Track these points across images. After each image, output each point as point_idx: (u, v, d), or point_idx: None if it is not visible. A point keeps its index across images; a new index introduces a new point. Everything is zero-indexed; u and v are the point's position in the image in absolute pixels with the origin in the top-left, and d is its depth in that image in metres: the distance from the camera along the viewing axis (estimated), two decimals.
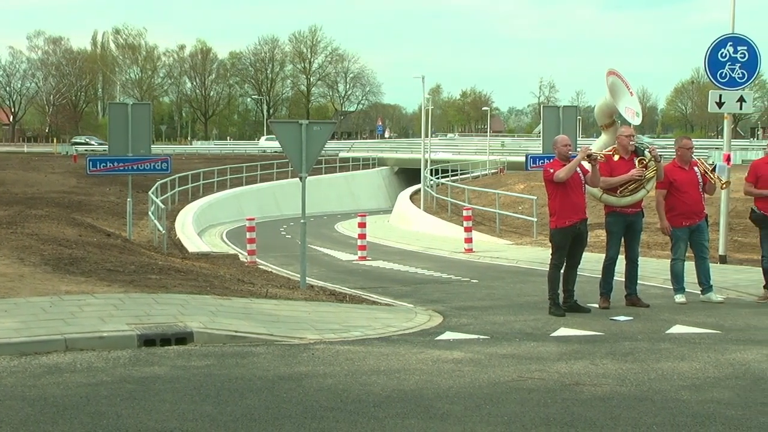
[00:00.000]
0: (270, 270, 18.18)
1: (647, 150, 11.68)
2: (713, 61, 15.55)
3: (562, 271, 11.23)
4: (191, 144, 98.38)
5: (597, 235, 18.75)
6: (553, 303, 11.13)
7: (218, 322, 9.39)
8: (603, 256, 11.89)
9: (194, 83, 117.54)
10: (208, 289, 11.76)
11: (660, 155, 11.75)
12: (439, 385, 7.23)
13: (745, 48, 15.51)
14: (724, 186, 11.79)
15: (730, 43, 15.51)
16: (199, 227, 34.37)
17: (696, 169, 11.81)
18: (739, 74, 15.52)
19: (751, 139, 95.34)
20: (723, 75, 15.46)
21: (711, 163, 11.83)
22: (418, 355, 8.51)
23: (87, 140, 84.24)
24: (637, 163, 11.50)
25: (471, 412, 6.37)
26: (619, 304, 11.60)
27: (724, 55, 15.46)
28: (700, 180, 11.73)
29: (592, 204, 12.33)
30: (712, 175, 11.77)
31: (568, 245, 11.13)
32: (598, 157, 11.23)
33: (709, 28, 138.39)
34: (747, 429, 5.95)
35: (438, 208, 35.65)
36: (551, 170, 10.99)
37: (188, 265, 15.41)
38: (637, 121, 14.84)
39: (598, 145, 12.86)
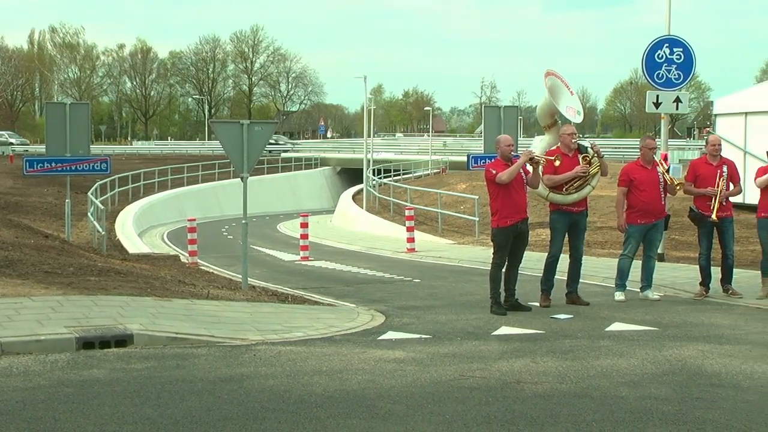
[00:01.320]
0: (211, 271, 18.05)
1: (590, 147, 11.84)
2: (650, 63, 15.79)
3: (503, 270, 11.33)
4: (131, 144, 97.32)
5: (538, 234, 18.93)
6: (495, 302, 11.21)
7: (159, 323, 9.29)
8: (544, 255, 12.02)
9: (134, 83, 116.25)
10: (149, 291, 11.64)
11: (602, 152, 11.92)
12: (382, 384, 7.24)
13: (681, 50, 15.77)
14: (679, 187, 11.99)
15: (666, 45, 15.76)
16: (140, 228, 33.99)
17: (658, 169, 11.99)
18: (675, 75, 15.77)
19: (688, 138, 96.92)
20: (660, 76, 15.70)
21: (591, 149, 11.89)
22: (360, 355, 8.52)
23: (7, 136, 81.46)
24: (581, 160, 11.63)
25: (413, 412, 6.39)
26: (560, 302, 11.72)
27: (660, 56, 15.70)
28: (662, 180, 11.91)
29: (534, 203, 12.45)
30: (668, 177, 11.94)
31: (509, 244, 11.22)
32: (541, 161, 11.33)
33: (647, 31, 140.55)
34: (683, 424, 6.06)
35: (380, 208, 35.70)
36: (493, 171, 11.07)
37: (128, 267, 15.23)
38: (578, 119, 15.02)
39: (540, 145, 12.98)
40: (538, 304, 11.65)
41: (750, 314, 10.97)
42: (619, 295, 12.03)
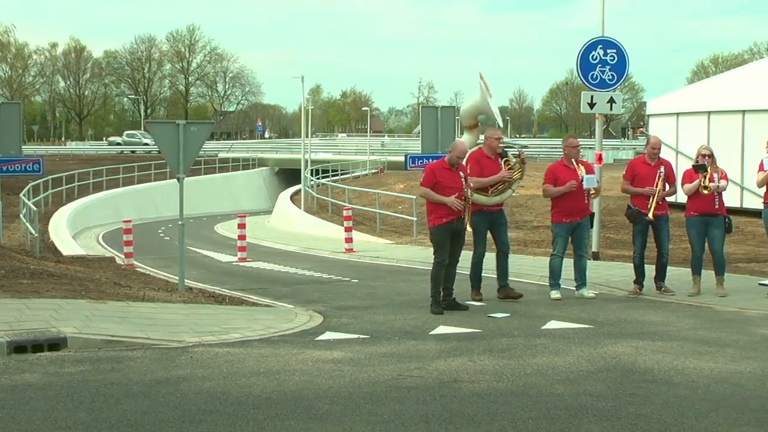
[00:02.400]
0: (148, 272, 17.85)
1: (517, 152, 12.28)
2: (585, 64, 15.97)
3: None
4: (65, 145, 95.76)
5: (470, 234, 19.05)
6: (435, 301, 11.27)
7: (93, 326, 9.17)
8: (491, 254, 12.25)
9: (68, 82, 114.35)
10: (83, 293, 11.48)
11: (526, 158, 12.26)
12: (319, 385, 7.23)
13: (615, 51, 15.97)
14: (594, 195, 12.26)
15: (600, 46, 15.95)
16: (74, 230, 33.48)
17: (582, 167, 12.16)
18: (609, 76, 15.97)
19: (622, 138, 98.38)
20: (594, 77, 15.89)
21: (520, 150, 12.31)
22: (298, 355, 8.50)
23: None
24: (503, 165, 11.93)
25: (351, 412, 6.40)
26: (496, 300, 11.82)
27: (594, 57, 15.89)
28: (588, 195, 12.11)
29: None
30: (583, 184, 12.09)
31: (448, 242, 11.30)
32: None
33: (583, 32, 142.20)
34: (617, 420, 6.15)
35: (318, 208, 35.61)
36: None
37: (62, 269, 15.00)
38: (500, 122, 15.14)
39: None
40: (475, 303, 11.75)
41: (682, 311, 11.17)
42: (554, 294, 12.17)
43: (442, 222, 11.22)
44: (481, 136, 12.71)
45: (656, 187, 12.06)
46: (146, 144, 74.28)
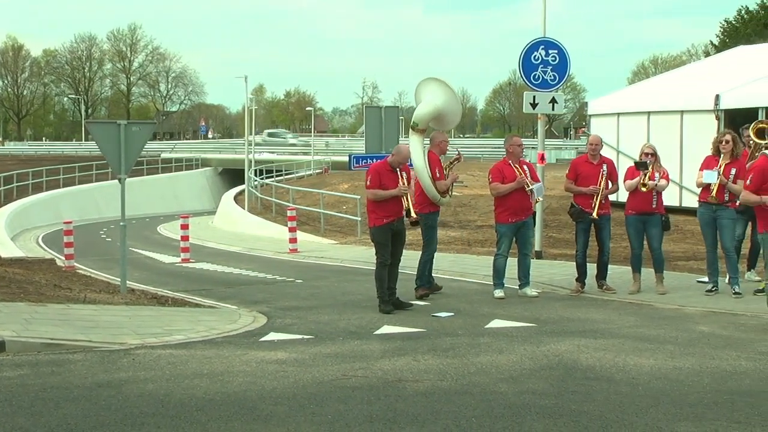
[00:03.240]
0: (89, 274, 17.61)
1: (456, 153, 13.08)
2: (527, 64, 16.10)
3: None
4: (3, 145, 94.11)
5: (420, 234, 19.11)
6: (382, 300, 11.30)
7: (33, 329, 9.03)
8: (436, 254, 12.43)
9: (5, 81, 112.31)
10: (22, 296, 11.29)
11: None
12: (263, 386, 7.20)
13: (556, 51, 16.13)
14: (537, 201, 12.41)
15: (542, 47, 16.09)
16: (13, 232, 32.94)
17: (525, 167, 12.26)
18: (550, 76, 16.12)
19: (565, 138, 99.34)
20: (536, 77, 16.03)
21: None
22: (242, 356, 8.45)
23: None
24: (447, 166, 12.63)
25: (295, 413, 6.38)
26: (439, 299, 11.88)
27: (536, 58, 16.03)
28: (529, 178, 12.18)
29: None
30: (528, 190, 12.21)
31: (389, 242, 11.34)
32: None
33: (525, 33, 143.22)
34: (559, 417, 6.20)
35: (262, 208, 35.45)
36: (368, 180, 11.32)
37: (0, 272, 14.74)
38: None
39: (415, 149, 13.17)
40: (420, 302, 11.80)
41: (623, 309, 11.31)
42: (498, 293, 12.25)
43: (382, 223, 11.29)
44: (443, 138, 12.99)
45: (599, 185, 12.20)
46: (293, 144, 73.32)
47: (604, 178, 12.27)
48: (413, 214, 11.51)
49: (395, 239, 11.43)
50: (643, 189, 11.94)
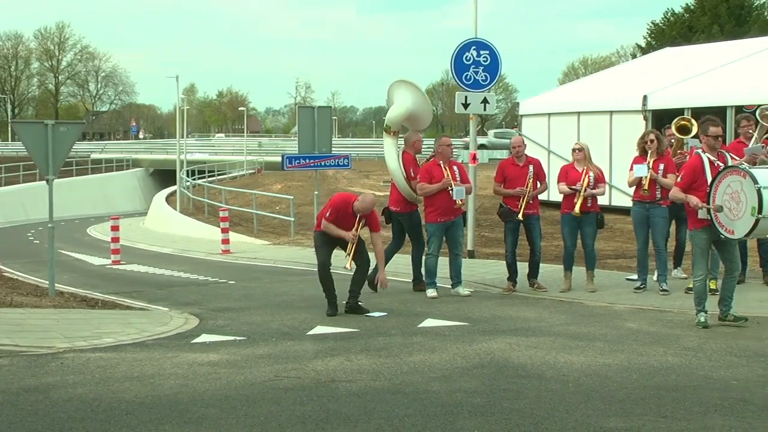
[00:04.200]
0: (16, 277, 17.27)
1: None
2: (458, 65, 16.19)
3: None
4: None
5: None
6: (329, 303, 11.20)
7: None
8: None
9: None
10: None
11: None
12: (195, 388, 7.13)
13: (488, 52, 16.25)
14: (460, 203, 12.38)
15: (473, 48, 16.20)
16: None
17: (455, 168, 12.33)
18: (482, 77, 16.24)
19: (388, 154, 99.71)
20: (468, 77, 16.12)
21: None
22: (173, 359, 8.37)
23: None
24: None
25: (227, 415, 6.33)
26: (373, 299, 11.88)
27: (468, 58, 16.13)
28: (458, 178, 12.25)
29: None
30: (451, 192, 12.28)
31: (327, 247, 11.25)
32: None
33: (458, 33, 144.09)
34: (491, 415, 6.25)
35: (195, 209, 35.13)
36: (328, 213, 11.14)
37: None
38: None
39: (388, 151, 13.43)
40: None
41: (554, 307, 11.45)
42: (430, 292, 12.30)
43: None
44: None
45: (527, 187, 12.33)
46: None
47: (531, 179, 12.40)
48: (349, 264, 11.23)
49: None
50: (576, 212, 12.07)
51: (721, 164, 9.46)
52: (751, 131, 11.81)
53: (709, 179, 9.42)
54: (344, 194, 11.76)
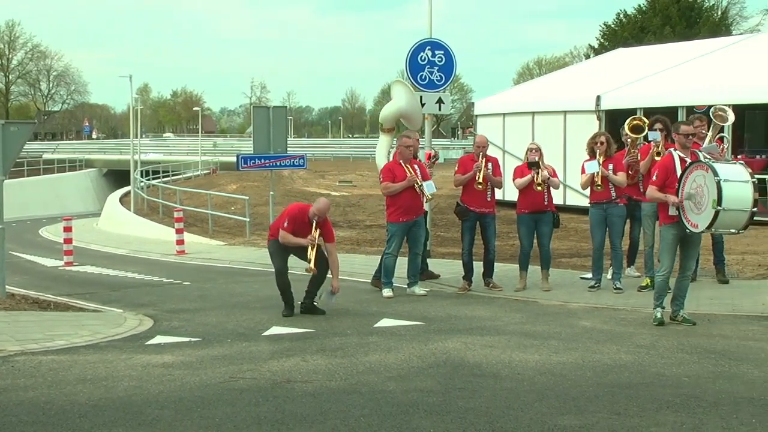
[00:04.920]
0: None
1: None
2: (413, 65, 16.19)
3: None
4: None
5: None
6: (286, 304, 11.16)
7: None
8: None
9: None
10: None
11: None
12: (149, 390, 7.08)
13: (443, 52, 16.27)
14: (429, 198, 12.48)
15: (428, 48, 16.21)
16: None
17: (416, 166, 12.37)
18: (437, 77, 16.25)
19: (452, 138, 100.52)
20: (423, 77, 16.13)
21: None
22: (127, 361, 8.30)
23: None
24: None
25: (182, 416, 6.29)
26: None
27: (423, 58, 16.14)
28: (420, 176, 12.30)
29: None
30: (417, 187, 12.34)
31: (282, 254, 11.20)
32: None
33: (413, 33, 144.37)
34: (446, 414, 6.28)
35: (149, 210, 34.82)
36: (285, 222, 11.04)
37: None
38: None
39: (380, 147, 13.57)
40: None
41: (509, 306, 11.51)
42: (386, 292, 12.31)
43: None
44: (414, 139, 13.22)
45: (480, 170, 12.40)
46: None
47: (489, 171, 12.53)
48: (311, 266, 11.06)
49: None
50: (538, 188, 12.16)
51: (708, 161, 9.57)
52: (704, 131, 11.95)
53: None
54: (299, 204, 11.66)
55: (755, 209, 9.11)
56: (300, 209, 11.21)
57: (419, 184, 12.16)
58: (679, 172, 9.54)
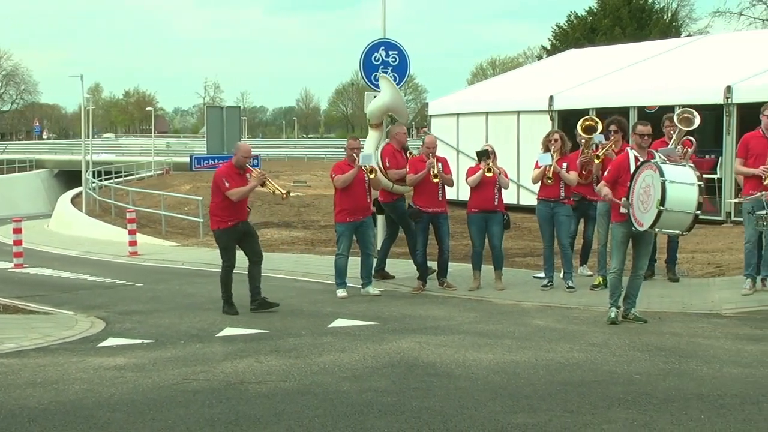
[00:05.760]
0: None
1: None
2: (367, 65, 16.20)
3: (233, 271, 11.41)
4: None
5: (263, 234, 18.99)
6: (225, 302, 11.21)
7: None
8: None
9: None
10: None
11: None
12: (101, 393, 7.01)
13: (396, 53, 16.30)
14: (366, 167, 12.51)
15: (382, 48, 16.23)
16: None
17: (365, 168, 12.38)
18: (391, 77, 16.26)
19: (408, 138, 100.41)
20: (377, 78, 16.15)
21: None
22: (78, 364, 8.21)
23: None
24: (407, 156, 13.27)
25: (134, 419, 6.24)
26: (281, 299, 11.83)
27: (377, 59, 16.15)
28: (367, 178, 12.30)
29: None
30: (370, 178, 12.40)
31: (233, 245, 11.24)
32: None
33: (367, 33, 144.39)
34: (401, 414, 6.29)
35: (101, 210, 34.47)
36: (226, 183, 11.07)
37: None
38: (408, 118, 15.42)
39: (368, 142, 13.62)
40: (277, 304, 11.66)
41: (463, 305, 11.55)
42: (341, 292, 12.31)
43: (227, 225, 11.17)
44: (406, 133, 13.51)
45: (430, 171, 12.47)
46: None
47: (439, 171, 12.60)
48: (284, 192, 11.48)
49: (247, 239, 11.38)
50: (488, 174, 12.20)
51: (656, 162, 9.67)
52: (672, 132, 12.04)
53: None
54: (220, 167, 11.73)
55: (699, 212, 9.25)
56: (226, 167, 11.37)
57: (359, 163, 12.24)
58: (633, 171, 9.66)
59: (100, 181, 42.09)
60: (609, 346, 8.64)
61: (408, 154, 13.29)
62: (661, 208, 9.07)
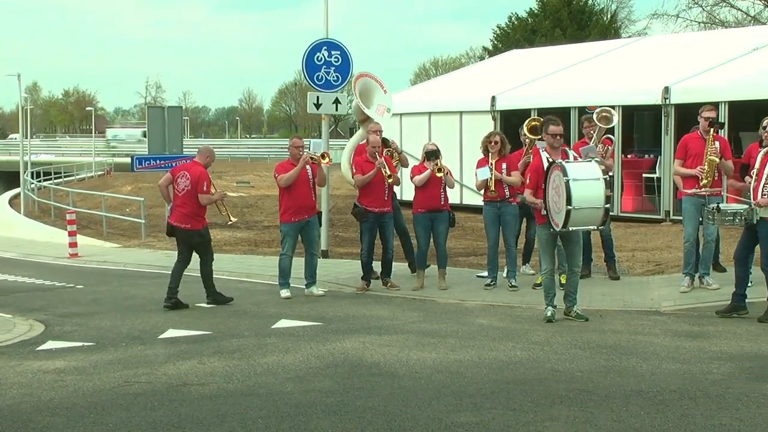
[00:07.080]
0: None
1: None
2: (310, 65, 16.18)
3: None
4: None
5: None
6: (173, 297, 11.69)
7: None
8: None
9: None
10: None
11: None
12: (40, 397, 6.91)
13: (339, 53, 16.30)
14: (317, 156, 12.57)
15: (324, 48, 16.22)
16: None
17: (308, 166, 12.33)
18: (334, 77, 16.27)
19: (350, 138, 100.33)
20: (319, 78, 16.13)
21: None
22: (16, 368, 8.09)
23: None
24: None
25: (74, 423, 6.17)
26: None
27: (319, 59, 16.13)
28: (311, 176, 12.28)
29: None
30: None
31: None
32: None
33: (311, 33, 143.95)
34: (344, 414, 6.29)
35: (40, 212, 33.97)
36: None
37: None
38: (388, 116, 15.22)
39: (354, 138, 14.21)
40: (204, 304, 11.67)
41: (407, 305, 11.58)
42: (285, 293, 12.27)
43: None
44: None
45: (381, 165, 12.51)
46: None
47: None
48: (231, 219, 12.59)
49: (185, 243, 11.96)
50: (439, 174, 12.24)
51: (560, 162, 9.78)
52: (592, 132, 12.23)
53: None
54: (194, 169, 11.94)
55: (608, 205, 9.54)
56: (200, 172, 11.81)
57: (310, 156, 12.44)
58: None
59: (39, 182, 41.45)
60: (551, 344, 8.72)
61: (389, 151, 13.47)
62: (568, 207, 9.26)
